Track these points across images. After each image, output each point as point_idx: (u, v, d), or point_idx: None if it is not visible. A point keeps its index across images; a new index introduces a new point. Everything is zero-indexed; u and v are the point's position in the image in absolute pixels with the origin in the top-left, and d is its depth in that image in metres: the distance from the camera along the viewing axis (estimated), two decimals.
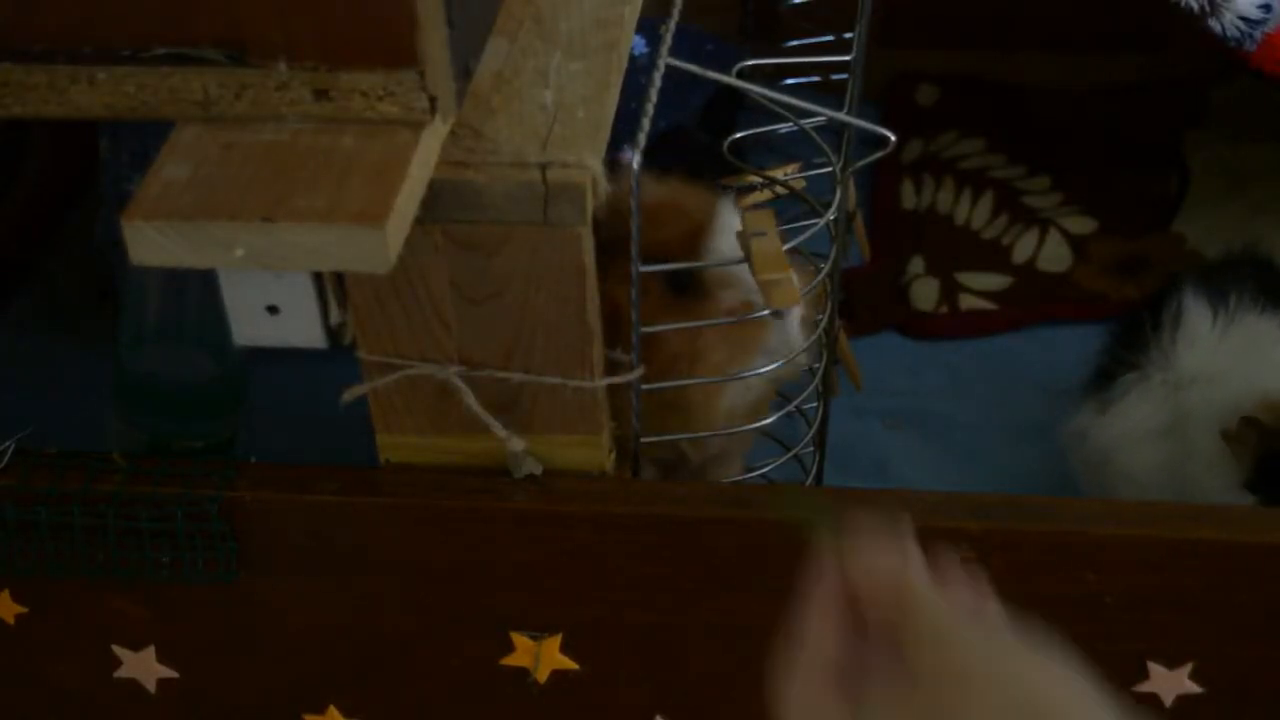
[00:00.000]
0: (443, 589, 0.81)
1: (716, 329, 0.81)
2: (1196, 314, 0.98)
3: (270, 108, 0.64)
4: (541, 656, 0.82)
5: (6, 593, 0.83)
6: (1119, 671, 0.79)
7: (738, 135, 0.92)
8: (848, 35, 0.90)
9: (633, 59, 0.77)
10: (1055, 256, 1.28)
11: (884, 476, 1.10)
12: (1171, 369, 0.97)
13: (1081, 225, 1.31)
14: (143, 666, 0.85)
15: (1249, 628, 0.77)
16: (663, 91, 0.72)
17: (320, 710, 0.87)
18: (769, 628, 0.81)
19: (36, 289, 1.28)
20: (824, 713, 0.54)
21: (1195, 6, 1.02)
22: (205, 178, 0.61)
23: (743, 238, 0.85)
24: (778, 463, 0.90)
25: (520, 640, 0.82)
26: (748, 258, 0.82)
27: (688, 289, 0.82)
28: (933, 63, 1.47)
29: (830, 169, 0.84)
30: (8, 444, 0.81)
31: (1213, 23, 1.02)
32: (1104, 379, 1.02)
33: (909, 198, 1.35)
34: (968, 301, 1.24)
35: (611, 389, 0.77)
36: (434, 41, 0.62)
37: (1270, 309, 0.97)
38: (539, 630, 0.81)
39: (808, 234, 0.82)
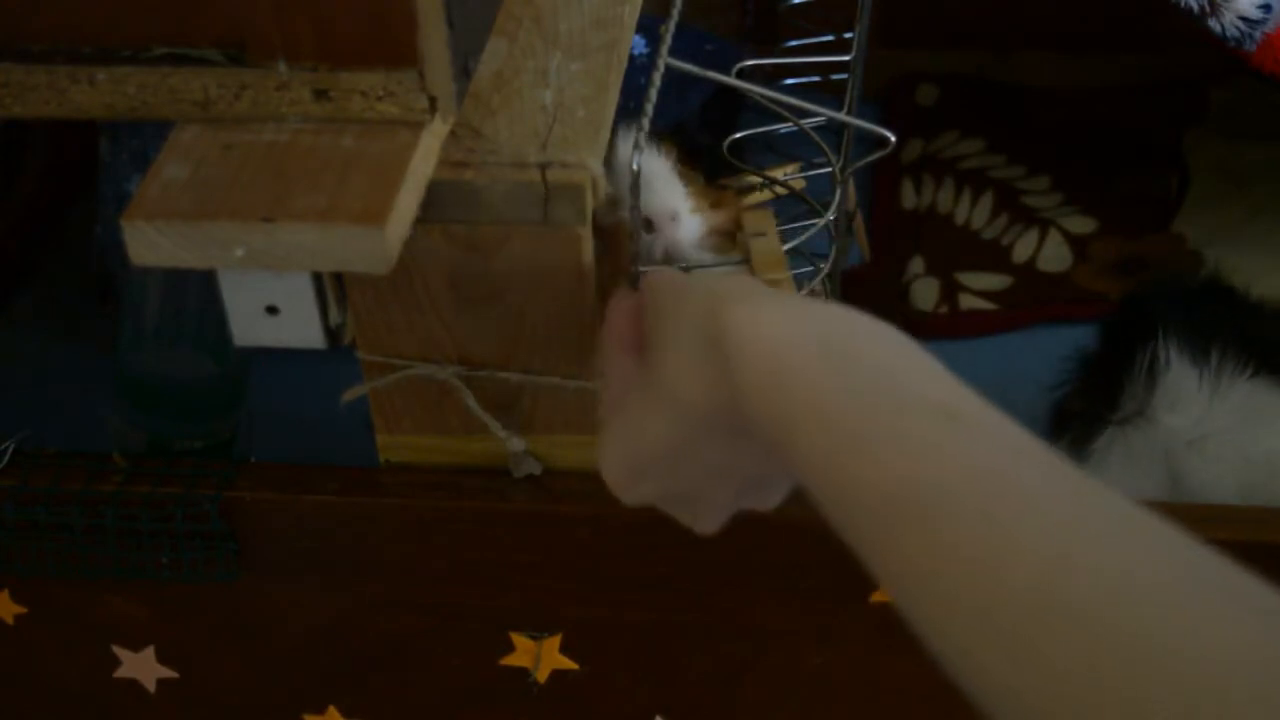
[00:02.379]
0: (443, 589, 0.81)
1: None
2: (1179, 373, 0.92)
3: (270, 108, 0.64)
4: (541, 656, 0.82)
5: (6, 593, 0.83)
6: None
7: (738, 135, 0.92)
8: (848, 35, 0.90)
9: (633, 59, 0.77)
10: (1055, 256, 1.28)
11: None
12: (1155, 430, 0.92)
13: (1081, 225, 1.31)
14: (143, 666, 0.85)
15: None
16: (663, 91, 0.72)
17: (320, 710, 0.87)
18: (769, 628, 0.81)
19: (36, 289, 1.28)
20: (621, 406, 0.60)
21: (1195, 6, 1.02)
22: (205, 178, 0.61)
23: (742, 238, 0.86)
24: None
25: (520, 640, 0.82)
26: (747, 258, 0.82)
27: None
28: (933, 63, 1.47)
29: (830, 169, 0.84)
30: (8, 444, 0.81)
31: (1213, 23, 1.02)
32: (1069, 423, 0.97)
33: (909, 198, 1.35)
34: (968, 301, 1.24)
35: None
36: (434, 41, 0.62)
37: (1259, 369, 0.92)
38: (539, 630, 0.81)
39: (808, 234, 0.82)
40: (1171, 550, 0.44)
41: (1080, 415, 0.97)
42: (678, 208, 0.76)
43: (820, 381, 0.49)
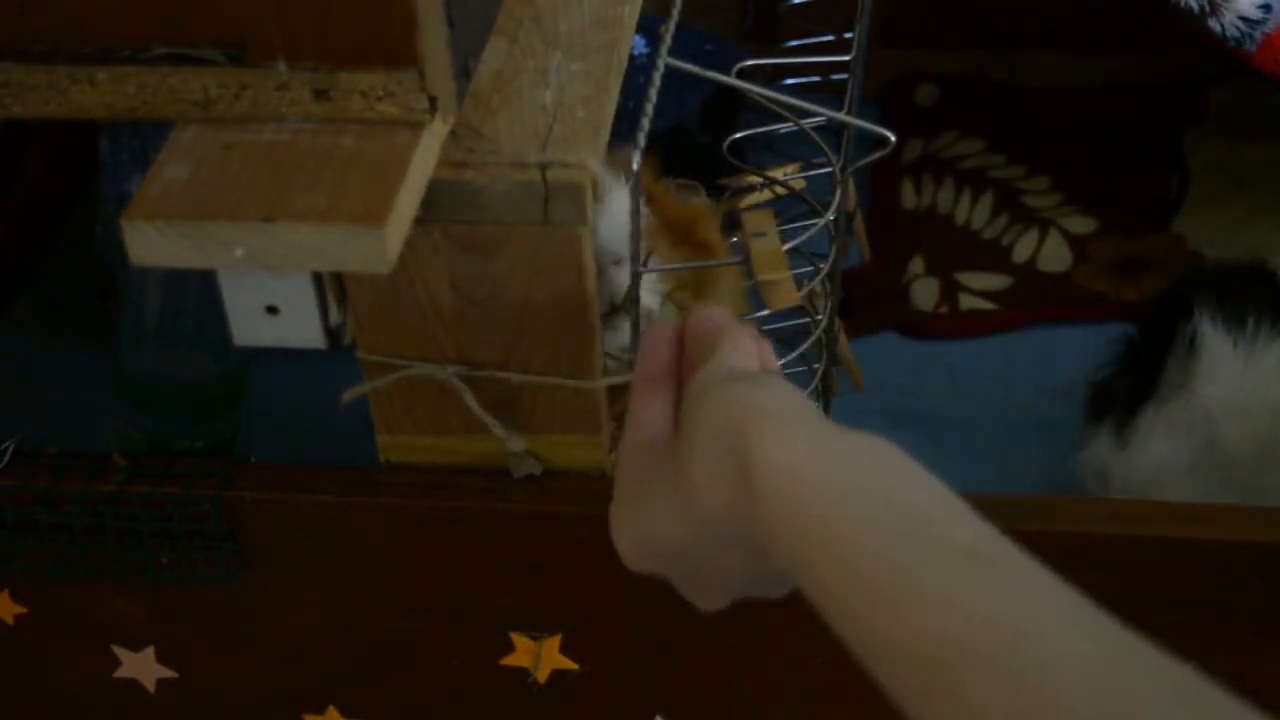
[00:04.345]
0: (443, 589, 0.81)
1: None
2: (1216, 341, 0.94)
3: (270, 108, 0.64)
4: (541, 656, 0.82)
5: (6, 593, 0.83)
6: None
7: (738, 135, 0.92)
8: (848, 35, 0.90)
9: (633, 59, 0.77)
10: (1055, 256, 1.28)
11: None
12: (1194, 399, 0.94)
13: (1081, 225, 1.31)
14: (143, 666, 0.85)
15: (1249, 628, 0.77)
16: (663, 91, 0.72)
17: (320, 710, 0.87)
18: (769, 628, 0.81)
19: (36, 289, 1.28)
20: (643, 474, 0.58)
21: (1195, 6, 1.02)
22: (205, 178, 0.61)
23: (742, 238, 0.86)
24: None
25: (520, 640, 0.82)
26: (747, 258, 0.82)
27: None
28: (933, 63, 1.47)
29: (830, 169, 0.84)
30: (8, 444, 0.81)
31: (1213, 23, 1.02)
32: (1108, 403, 0.99)
33: (909, 198, 1.35)
34: (968, 301, 1.24)
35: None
36: (434, 41, 0.62)
37: None
38: (539, 630, 0.81)
39: (808, 234, 0.82)
40: (1199, 698, 0.43)
41: (1123, 396, 0.99)
42: (622, 252, 0.73)
43: (842, 525, 0.49)
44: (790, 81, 1.18)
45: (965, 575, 0.46)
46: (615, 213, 0.71)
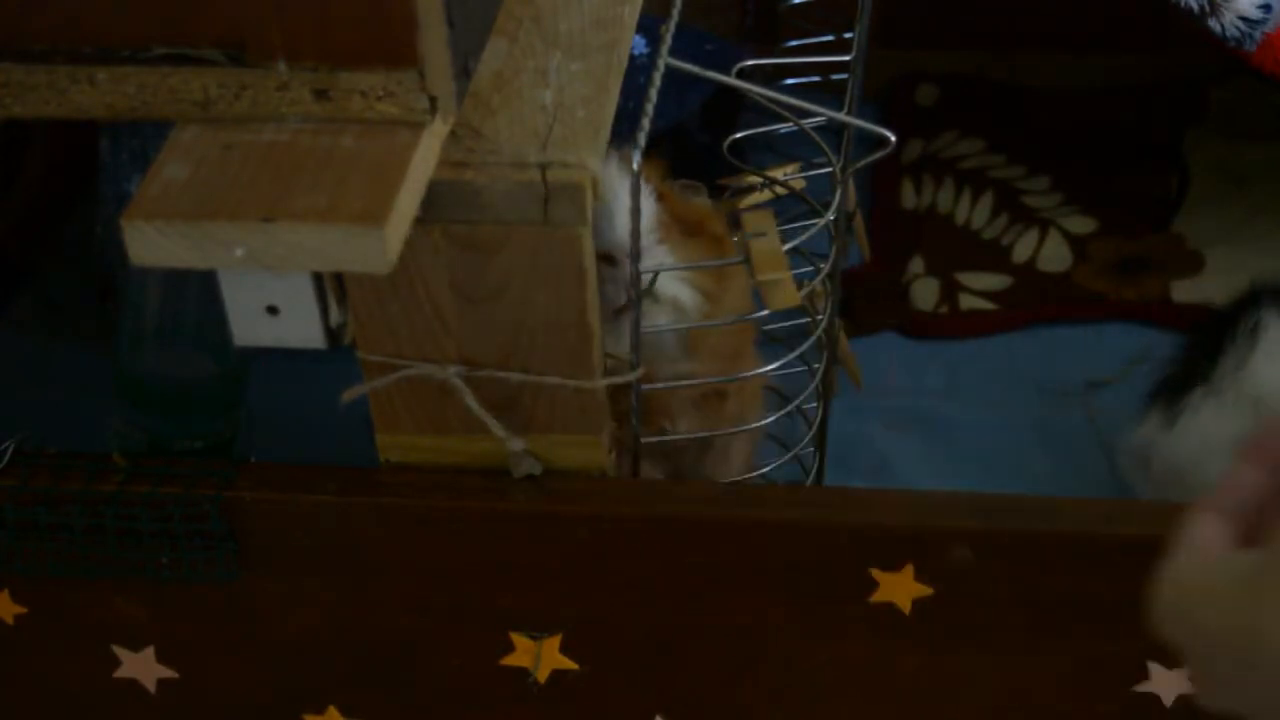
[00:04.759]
0: (443, 589, 0.81)
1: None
2: (1277, 331, 0.96)
3: (270, 108, 0.64)
4: (541, 656, 0.82)
5: (6, 593, 0.83)
6: (1119, 671, 0.79)
7: (738, 135, 0.92)
8: (848, 35, 0.90)
9: (633, 59, 0.77)
10: (1055, 256, 1.28)
11: (884, 476, 1.10)
12: (1245, 383, 0.96)
13: (1081, 225, 1.31)
14: (143, 666, 0.85)
15: None
16: (663, 91, 0.72)
17: (320, 710, 0.87)
18: (769, 628, 0.81)
19: (36, 289, 1.28)
20: (1212, 551, 0.53)
21: (1195, 6, 1.02)
22: (205, 178, 0.61)
23: (742, 238, 0.86)
24: (778, 463, 0.90)
25: (520, 640, 0.82)
26: (747, 258, 0.82)
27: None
28: (933, 63, 1.47)
29: (830, 169, 0.84)
30: (8, 444, 0.81)
31: (1213, 23, 1.02)
32: (1170, 390, 1.01)
33: (909, 198, 1.35)
34: (968, 301, 1.24)
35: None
36: (434, 41, 0.62)
37: None
38: (539, 630, 0.81)
39: (808, 234, 0.82)
40: None
41: (1179, 376, 1.00)
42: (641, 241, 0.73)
43: None
44: (790, 81, 1.18)
45: None
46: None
